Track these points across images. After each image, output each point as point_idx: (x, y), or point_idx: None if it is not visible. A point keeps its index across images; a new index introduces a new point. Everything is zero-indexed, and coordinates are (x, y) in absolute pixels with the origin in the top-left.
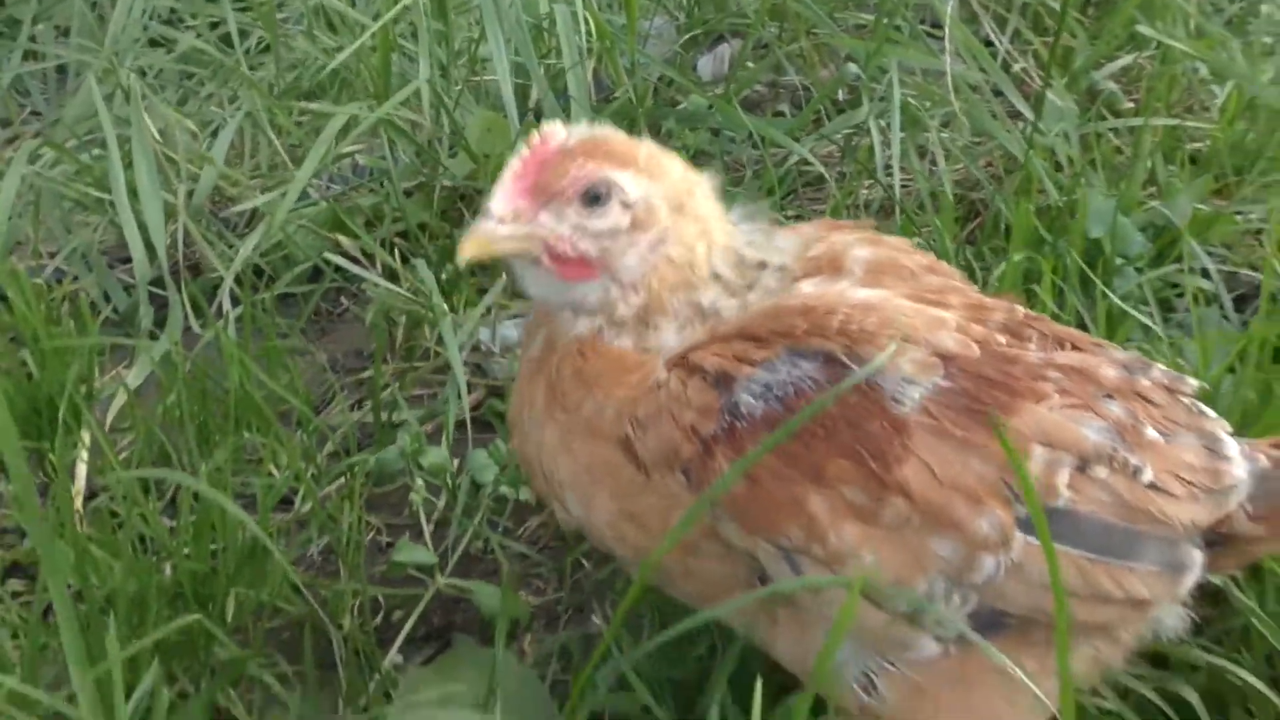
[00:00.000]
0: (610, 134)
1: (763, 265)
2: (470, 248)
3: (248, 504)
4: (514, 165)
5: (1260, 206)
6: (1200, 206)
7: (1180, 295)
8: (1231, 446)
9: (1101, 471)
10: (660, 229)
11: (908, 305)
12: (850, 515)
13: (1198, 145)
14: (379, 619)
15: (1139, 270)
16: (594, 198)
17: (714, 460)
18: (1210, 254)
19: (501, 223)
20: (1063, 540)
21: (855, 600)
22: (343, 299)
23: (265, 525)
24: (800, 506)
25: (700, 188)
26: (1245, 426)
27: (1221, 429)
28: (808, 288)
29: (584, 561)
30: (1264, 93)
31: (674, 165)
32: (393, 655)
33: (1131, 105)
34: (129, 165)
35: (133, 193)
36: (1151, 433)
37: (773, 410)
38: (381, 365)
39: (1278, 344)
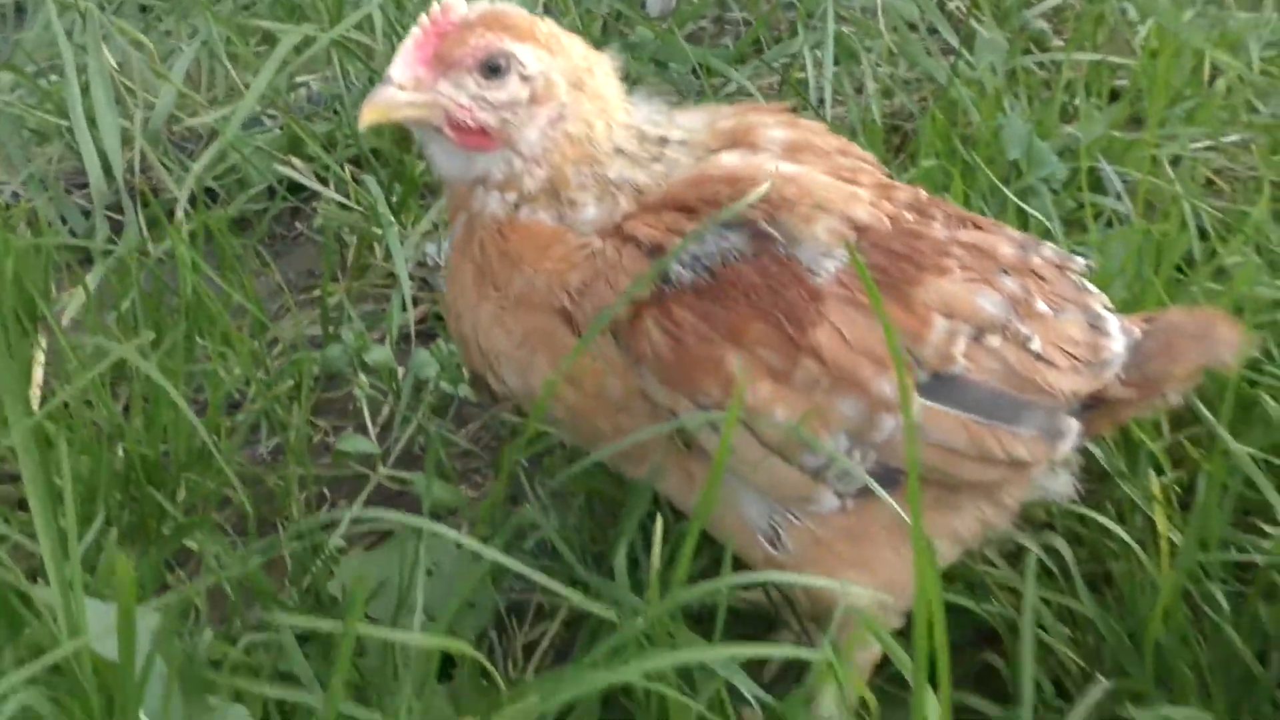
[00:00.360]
0: (511, 8)
1: (664, 141)
2: (370, 113)
3: (201, 409)
4: (414, 34)
5: (1171, 134)
6: (1117, 134)
7: (1095, 216)
8: (1112, 322)
9: (995, 341)
10: (558, 104)
11: (825, 179)
12: (765, 375)
13: (1121, 82)
14: (324, 510)
15: (1054, 191)
16: (493, 69)
17: (641, 322)
18: (1125, 182)
19: (401, 89)
20: (954, 404)
21: (733, 428)
22: (296, 223)
23: (215, 420)
24: (719, 366)
25: (600, 66)
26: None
27: (1102, 304)
28: (729, 159)
29: (520, 458)
30: (1182, 30)
31: (574, 44)
32: (336, 541)
33: (1060, 44)
34: (86, 92)
35: (90, 122)
36: (1042, 306)
37: (700, 279)
38: (332, 283)
39: (1160, 241)
